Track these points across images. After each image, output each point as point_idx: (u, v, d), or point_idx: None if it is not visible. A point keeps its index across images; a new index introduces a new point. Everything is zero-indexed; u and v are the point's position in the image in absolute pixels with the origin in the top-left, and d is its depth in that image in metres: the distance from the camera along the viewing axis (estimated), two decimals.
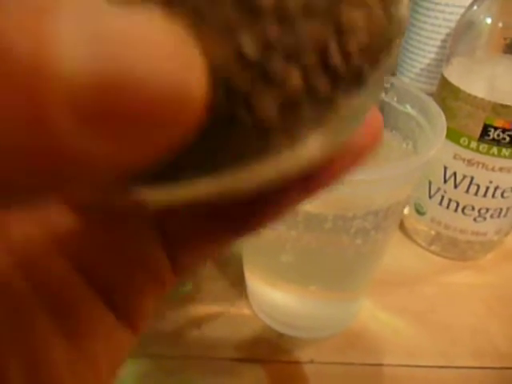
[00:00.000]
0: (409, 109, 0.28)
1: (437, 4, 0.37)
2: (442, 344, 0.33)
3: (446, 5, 0.37)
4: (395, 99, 0.29)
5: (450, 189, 0.35)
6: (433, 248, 0.39)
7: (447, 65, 0.34)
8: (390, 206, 0.25)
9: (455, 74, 0.33)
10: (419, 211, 0.39)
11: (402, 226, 0.41)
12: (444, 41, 0.39)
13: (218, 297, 0.36)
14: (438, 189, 0.36)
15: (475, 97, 0.31)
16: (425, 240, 0.39)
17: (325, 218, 0.24)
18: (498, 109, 0.30)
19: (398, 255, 0.39)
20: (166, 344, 0.33)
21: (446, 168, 0.35)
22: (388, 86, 0.30)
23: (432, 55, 0.40)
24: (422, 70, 0.41)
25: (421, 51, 0.41)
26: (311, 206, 0.25)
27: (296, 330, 0.34)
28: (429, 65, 0.41)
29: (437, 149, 0.23)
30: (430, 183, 0.37)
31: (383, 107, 0.30)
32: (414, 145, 0.29)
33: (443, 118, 0.25)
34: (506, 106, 0.30)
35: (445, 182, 0.35)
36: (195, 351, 0.33)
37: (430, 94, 0.36)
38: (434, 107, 0.26)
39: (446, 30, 0.38)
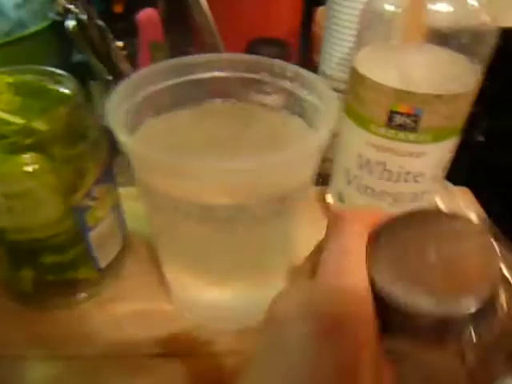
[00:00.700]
0: (310, 96, 0.28)
1: None
2: None
3: None
4: (299, 88, 0.30)
5: (366, 175, 0.35)
6: None
7: (356, 54, 0.34)
8: (288, 192, 0.25)
9: (362, 63, 0.33)
10: (341, 199, 0.39)
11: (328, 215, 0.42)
12: None
13: (139, 294, 0.36)
14: (355, 176, 0.36)
15: (380, 84, 0.32)
16: None
17: (221, 208, 0.24)
18: (402, 95, 0.31)
19: None
20: (80, 344, 0.32)
21: (360, 155, 0.35)
22: (293, 75, 0.30)
23: (350, 44, 0.40)
24: (341, 59, 0.42)
25: (339, 41, 0.41)
26: (205, 196, 0.24)
27: (217, 321, 0.33)
28: (347, 54, 0.41)
29: (325, 132, 0.23)
30: (347, 171, 0.37)
31: (289, 95, 0.30)
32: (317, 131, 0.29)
33: (336, 102, 0.25)
34: (409, 92, 0.31)
35: (360, 169, 0.36)
36: (112, 350, 0.32)
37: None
38: (329, 93, 0.26)
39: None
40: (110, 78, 0.42)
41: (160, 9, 0.37)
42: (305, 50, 0.63)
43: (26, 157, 0.27)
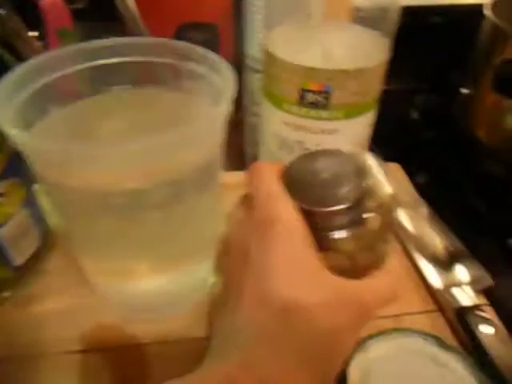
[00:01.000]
0: (217, 77, 0.28)
1: None
2: None
3: None
4: (207, 70, 0.29)
5: (286, 155, 0.36)
6: None
7: (267, 34, 0.34)
8: (187, 175, 0.25)
9: (272, 43, 0.33)
10: None
11: None
12: None
13: (62, 291, 0.35)
14: (277, 156, 0.36)
15: (289, 62, 0.31)
16: None
17: (118, 195, 0.24)
18: (310, 73, 0.31)
19: None
20: (0, 346, 0.31)
21: (277, 135, 0.35)
22: (199, 58, 0.30)
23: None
24: (260, 39, 0.42)
25: (256, 22, 0.41)
26: (102, 184, 0.24)
27: (143, 312, 0.33)
28: None
29: (222, 108, 0.23)
30: (271, 152, 0.37)
31: (198, 78, 0.30)
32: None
33: (233, 79, 0.25)
34: (317, 70, 0.31)
35: (280, 148, 0.36)
36: (33, 350, 0.31)
37: None
38: (228, 71, 0.26)
39: None
40: None
41: None
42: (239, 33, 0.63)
43: None
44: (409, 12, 0.35)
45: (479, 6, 0.50)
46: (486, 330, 0.32)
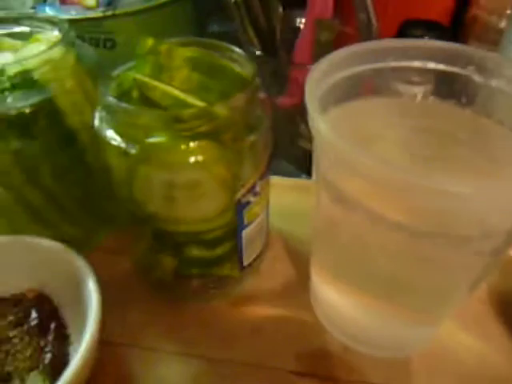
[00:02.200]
0: None
1: None
2: None
3: None
4: (504, 82, 0.24)
5: None
6: None
7: None
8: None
9: None
10: None
11: None
12: None
13: (278, 297, 0.33)
14: None
15: None
16: None
17: (423, 234, 0.20)
18: None
19: None
20: (218, 346, 0.30)
21: None
22: (492, 66, 0.25)
23: None
24: None
25: None
26: (406, 216, 0.20)
27: (366, 346, 0.30)
28: None
29: None
30: None
31: (489, 93, 0.25)
32: None
33: None
34: None
35: None
36: (250, 357, 0.29)
37: None
38: None
39: None
40: (259, 52, 0.38)
41: None
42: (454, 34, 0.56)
43: (198, 144, 0.23)
44: None
45: None
46: None
